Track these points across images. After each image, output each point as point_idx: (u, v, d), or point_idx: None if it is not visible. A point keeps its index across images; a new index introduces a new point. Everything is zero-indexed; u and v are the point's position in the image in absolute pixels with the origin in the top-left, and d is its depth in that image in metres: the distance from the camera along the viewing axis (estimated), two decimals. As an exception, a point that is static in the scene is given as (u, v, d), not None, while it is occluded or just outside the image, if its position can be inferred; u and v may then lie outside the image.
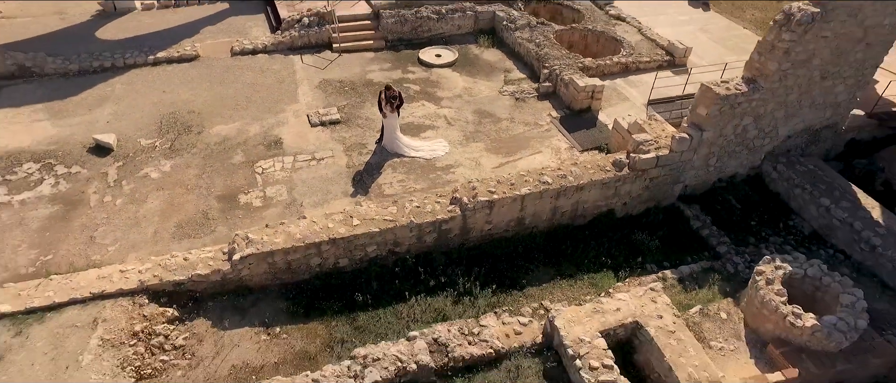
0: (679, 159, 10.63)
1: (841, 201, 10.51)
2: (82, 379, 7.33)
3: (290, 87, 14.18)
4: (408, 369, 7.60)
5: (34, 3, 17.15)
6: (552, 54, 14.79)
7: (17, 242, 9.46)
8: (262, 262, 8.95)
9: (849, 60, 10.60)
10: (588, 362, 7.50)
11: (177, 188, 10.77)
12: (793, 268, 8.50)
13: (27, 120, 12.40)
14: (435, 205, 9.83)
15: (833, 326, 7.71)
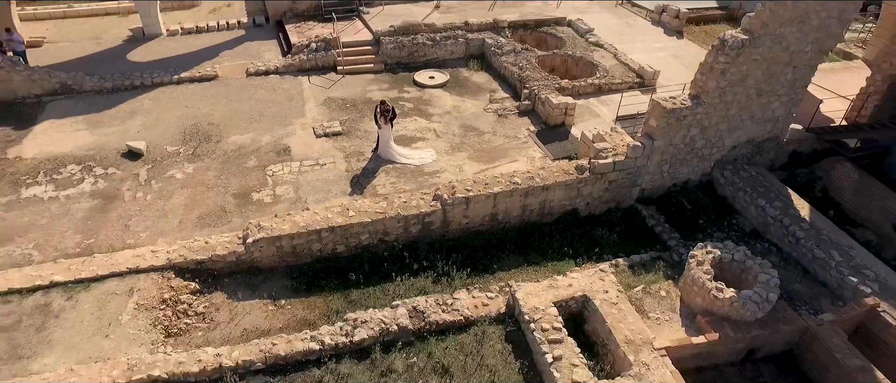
0: (634, 165, 12.23)
1: (775, 202, 12.04)
2: (122, 334, 8.92)
3: (298, 103, 15.99)
4: (390, 330, 9.14)
5: (73, 30, 19.24)
6: (533, 76, 16.57)
7: (64, 229, 11.15)
8: (271, 246, 10.58)
9: (780, 80, 12.25)
10: (541, 326, 9.02)
11: (198, 187, 12.48)
12: (722, 253, 10.01)
13: (69, 129, 14.24)
14: (419, 201, 11.46)
15: (748, 298, 9.18)
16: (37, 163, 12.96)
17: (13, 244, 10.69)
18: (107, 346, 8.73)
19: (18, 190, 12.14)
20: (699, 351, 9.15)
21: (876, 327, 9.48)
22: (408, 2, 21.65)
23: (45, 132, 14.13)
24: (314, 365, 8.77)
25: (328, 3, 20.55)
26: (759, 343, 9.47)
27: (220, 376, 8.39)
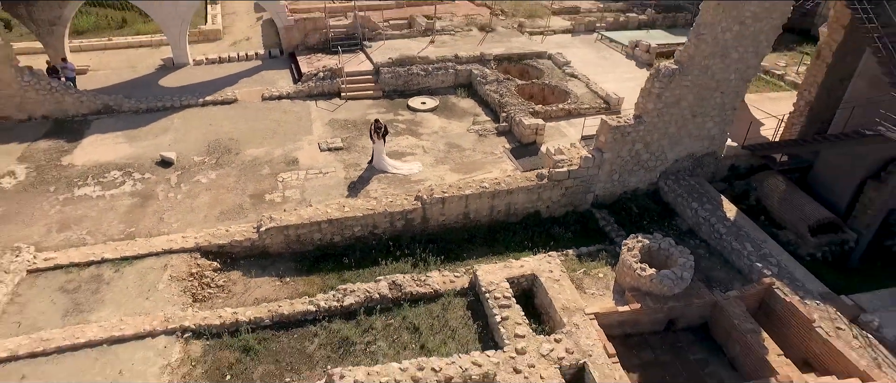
0: (586, 173, 14.52)
1: (707, 206, 14.23)
2: (159, 297, 11.21)
3: (306, 123, 18.53)
4: (373, 297, 11.36)
5: (113, 59, 22.13)
6: (511, 102, 19.03)
7: (110, 220, 13.57)
8: (280, 234, 12.91)
9: (710, 103, 14.58)
10: (494, 295, 11.19)
11: (220, 189, 14.92)
12: (650, 243, 12.16)
13: (111, 142, 16.84)
14: (404, 201, 13.79)
15: (665, 276, 11.30)
16: (86, 169, 15.51)
17: (71, 231, 13.11)
18: (147, 305, 11.01)
19: (72, 189, 14.64)
20: (624, 318, 11.24)
21: (773, 301, 11.52)
22: (406, 37, 24.41)
23: (91, 144, 16.74)
24: (310, 323, 10.98)
25: (335, 38, 23.38)
26: (676, 314, 11.54)
27: (237, 328, 10.63)
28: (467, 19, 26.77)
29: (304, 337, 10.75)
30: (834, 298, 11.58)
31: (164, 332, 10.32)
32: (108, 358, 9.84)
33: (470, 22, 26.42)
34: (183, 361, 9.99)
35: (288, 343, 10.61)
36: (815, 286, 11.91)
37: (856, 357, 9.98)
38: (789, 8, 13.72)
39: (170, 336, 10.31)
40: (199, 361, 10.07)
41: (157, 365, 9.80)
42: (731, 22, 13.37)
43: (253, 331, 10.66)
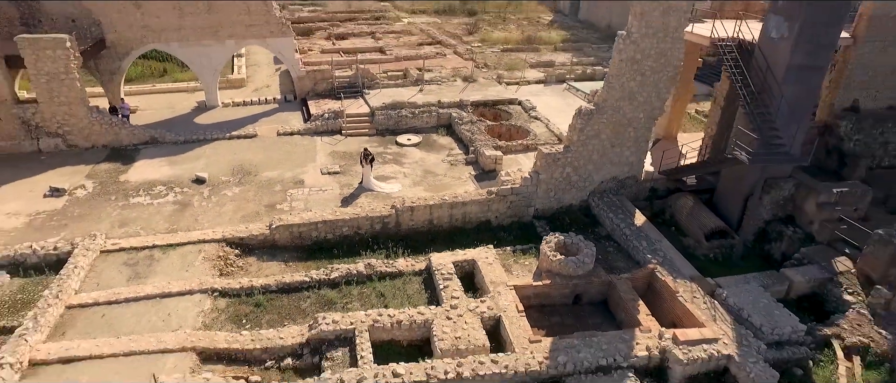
0: (526, 191, 18.65)
1: (621, 216, 18.22)
2: (195, 271, 15.36)
3: (311, 153, 23.01)
4: (352, 273, 15.43)
5: (157, 101, 27.11)
6: (479, 138, 23.41)
7: (157, 220, 17.92)
8: (286, 231, 17.11)
9: (625, 136, 18.79)
10: (441, 273, 15.19)
11: (241, 200, 19.27)
12: (565, 238, 16.13)
13: (157, 165, 21.42)
14: (382, 209, 18.00)
15: (570, 260, 15.22)
16: (138, 184, 20.02)
17: (129, 226, 17.45)
18: (186, 275, 15.17)
19: (128, 198, 19.09)
20: (538, 291, 15.13)
21: (654, 281, 15.35)
22: (399, 86, 29.19)
23: (141, 166, 21.33)
24: (305, 289, 15.04)
25: (340, 86, 28.23)
26: (581, 290, 15.40)
27: (251, 291, 14.72)
28: (454, 71, 31.62)
29: (300, 298, 14.79)
30: (700, 279, 15.36)
31: (199, 291, 14.44)
32: (160, 306, 13.96)
33: (456, 74, 31.25)
34: (212, 310, 14.06)
35: (288, 302, 14.67)
36: (688, 271, 15.74)
37: (700, 314, 13.75)
38: (679, 64, 18.10)
39: (203, 294, 14.42)
40: (223, 311, 14.14)
41: (194, 312, 13.87)
42: (635, 73, 17.77)
43: (263, 294, 14.74)
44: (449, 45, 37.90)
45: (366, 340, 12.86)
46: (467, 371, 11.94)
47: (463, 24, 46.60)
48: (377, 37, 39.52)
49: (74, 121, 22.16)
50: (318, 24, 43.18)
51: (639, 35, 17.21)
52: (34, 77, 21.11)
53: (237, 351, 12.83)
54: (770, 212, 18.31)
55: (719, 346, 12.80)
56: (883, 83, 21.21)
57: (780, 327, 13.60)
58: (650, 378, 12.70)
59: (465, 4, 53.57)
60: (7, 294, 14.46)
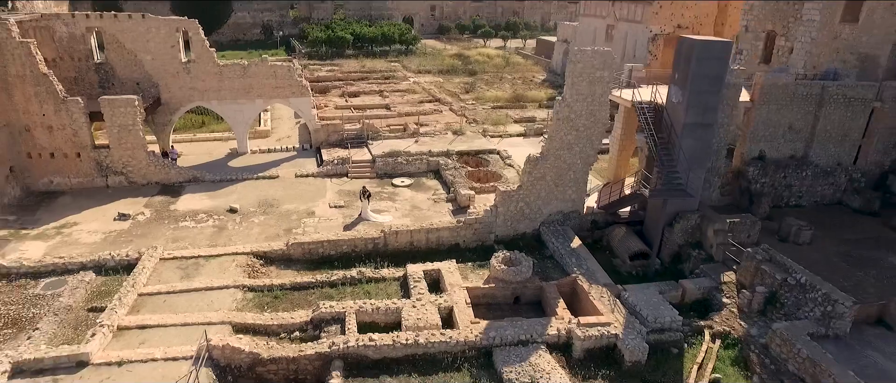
0: (487, 221, 23.90)
1: (561, 241, 23.30)
2: (230, 274, 20.75)
3: (322, 191, 28.64)
4: (347, 277, 20.68)
5: (197, 148, 33.26)
6: (459, 181, 28.88)
7: (200, 238, 23.49)
8: (299, 248, 22.51)
9: (567, 178, 24.09)
10: (413, 278, 20.35)
11: (265, 226, 24.81)
12: (510, 254, 21.24)
13: (199, 199, 27.20)
14: (374, 233, 23.36)
15: (509, 270, 20.29)
16: (184, 212, 25.73)
17: (179, 242, 23.02)
18: (223, 276, 20.55)
19: (178, 223, 24.76)
20: (485, 292, 20.16)
21: (577, 287, 20.29)
22: (398, 138, 35.04)
23: (186, 199, 27.12)
24: (311, 288, 20.29)
25: (348, 137, 34.18)
26: (519, 293, 20.39)
27: (271, 287, 20.02)
28: (446, 126, 37.50)
29: (307, 294, 20.04)
30: (611, 285, 20.28)
31: (233, 286, 19.78)
32: (205, 295, 19.30)
33: (448, 127, 37.12)
34: (242, 300, 19.36)
35: (298, 296, 19.92)
36: (603, 279, 20.68)
37: (602, 308, 18.63)
38: (606, 122, 23.56)
39: (236, 288, 19.75)
40: (250, 301, 19.42)
41: (229, 300, 19.16)
42: (570, 129, 23.24)
43: (280, 290, 20.03)
44: (446, 102, 44.04)
45: (353, 320, 17.97)
46: (423, 339, 16.97)
47: (462, 83, 52.98)
48: (384, 95, 45.91)
49: (136, 162, 28.21)
50: (335, 83, 49.85)
51: (572, 100, 22.80)
52: (109, 128, 27.34)
53: (260, 326, 18.03)
54: (681, 238, 23.24)
55: (610, 329, 17.64)
56: (782, 137, 26.41)
57: (661, 318, 18.40)
58: (559, 351, 17.51)
59: (466, 65, 60.28)
60: (94, 286, 19.94)
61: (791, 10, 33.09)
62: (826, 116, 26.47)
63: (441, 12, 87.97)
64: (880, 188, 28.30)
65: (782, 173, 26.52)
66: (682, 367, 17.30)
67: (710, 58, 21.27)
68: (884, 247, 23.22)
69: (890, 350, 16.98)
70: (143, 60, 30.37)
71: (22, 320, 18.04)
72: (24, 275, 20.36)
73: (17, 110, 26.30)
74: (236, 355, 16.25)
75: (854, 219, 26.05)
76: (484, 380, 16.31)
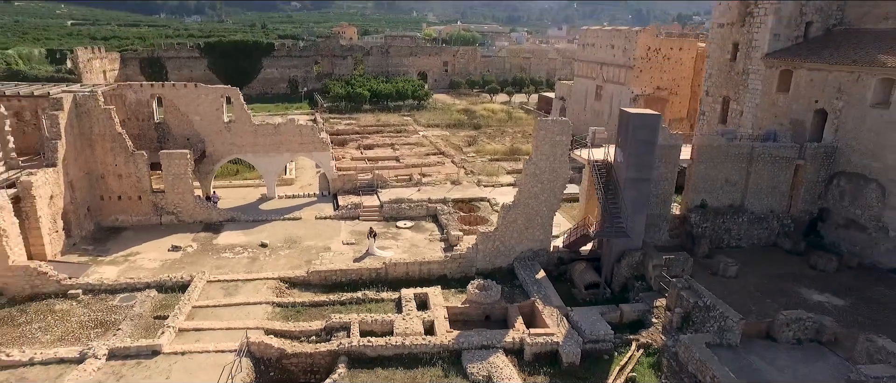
0: (470, 256, 29.61)
1: (529, 273, 28.84)
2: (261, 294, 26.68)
3: (337, 231, 34.73)
4: (354, 298, 26.46)
5: (232, 193, 39.84)
6: (451, 224, 34.75)
7: (238, 266, 29.58)
8: (317, 275, 28.44)
9: (535, 222, 29.79)
10: (405, 298, 26.04)
11: (290, 258, 30.85)
12: (483, 281, 26.84)
13: (236, 235, 33.45)
14: (377, 265, 29.22)
15: (480, 294, 25.87)
16: (224, 246, 31.95)
17: (221, 269, 29.12)
18: (257, 295, 26.47)
19: (219, 254, 30.95)
20: (462, 311, 25.71)
21: (535, 308, 25.73)
22: (404, 187, 41.25)
23: (226, 235, 33.39)
24: (326, 305, 26.06)
25: (361, 186, 40.49)
26: (489, 312, 25.89)
27: (294, 304, 25.87)
28: (446, 176, 43.69)
29: (322, 310, 25.81)
30: (561, 307, 25.65)
31: (265, 302, 25.68)
32: (243, 309, 25.20)
33: (447, 178, 43.30)
34: (272, 313, 25.21)
35: (315, 311, 25.71)
36: (557, 303, 26.07)
37: (551, 324, 24.03)
38: (567, 176, 29.40)
39: (267, 304, 25.64)
40: (278, 313, 25.26)
41: (262, 313, 25.02)
42: (536, 182, 29.12)
43: (301, 306, 25.86)
44: (449, 155, 50.41)
45: (356, 328, 23.63)
46: (408, 342, 22.54)
47: (466, 137, 59.49)
48: (395, 147, 52.53)
49: (184, 204, 34.71)
50: (352, 136, 56.74)
51: (537, 159, 28.77)
52: (165, 176, 34.00)
53: (285, 331, 23.76)
54: (628, 271, 28.60)
55: (553, 338, 23.01)
56: (720, 188, 31.95)
57: (596, 332, 23.68)
58: (513, 354, 22.85)
59: (472, 119, 66.98)
60: (157, 301, 25.96)
61: (740, 79, 39.29)
62: (756, 172, 32.03)
63: (453, 68, 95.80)
64: (811, 232, 33.49)
65: (721, 219, 31.95)
66: (608, 369, 22.52)
67: (644, 126, 27.17)
68: (798, 281, 28.37)
69: (769, 355, 22.00)
70: (193, 120, 37.36)
71: (106, 323, 24.09)
72: (104, 290, 26.54)
73: (97, 161, 33.15)
74: (268, 350, 22.00)
75: (783, 258, 31.25)
76: (452, 374, 21.74)
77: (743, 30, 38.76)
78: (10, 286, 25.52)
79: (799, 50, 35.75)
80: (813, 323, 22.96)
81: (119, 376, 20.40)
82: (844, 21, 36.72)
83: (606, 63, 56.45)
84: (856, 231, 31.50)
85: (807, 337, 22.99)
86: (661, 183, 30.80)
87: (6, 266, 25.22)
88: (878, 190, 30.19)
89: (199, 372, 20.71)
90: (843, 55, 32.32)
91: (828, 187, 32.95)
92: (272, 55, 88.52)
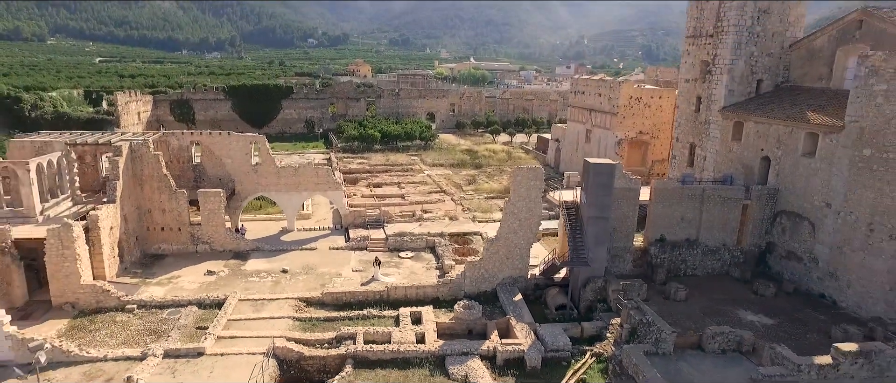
0: (459, 282, 35.24)
1: (508, 297, 34.34)
2: (285, 310, 32.46)
3: (347, 260, 40.60)
4: (360, 315, 32.15)
5: (257, 225, 46.02)
6: (446, 255, 40.46)
7: (263, 289, 35.48)
8: (330, 296, 34.23)
9: (515, 254, 35.41)
10: (403, 315, 31.67)
11: (307, 281, 36.68)
12: (468, 302, 32.38)
13: (261, 262, 39.44)
14: (380, 288, 34.95)
15: (466, 312, 31.40)
16: (251, 271, 37.93)
17: (250, 290, 35.00)
18: (280, 311, 32.25)
19: (247, 278, 36.91)
20: (448, 326, 31.21)
21: (509, 324, 31.14)
22: (407, 222, 47.16)
23: (252, 262, 39.41)
24: (337, 320, 31.73)
25: (368, 221, 46.49)
26: (472, 327, 31.36)
27: (310, 319, 31.60)
28: (445, 213, 49.56)
29: (334, 324, 31.48)
30: (532, 323, 31.04)
31: (286, 317, 31.46)
32: (269, 322, 30.97)
33: (446, 214, 49.14)
34: (292, 324, 30.95)
35: (327, 324, 31.39)
36: (528, 320, 31.46)
37: (521, 337, 29.43)
38: (541, 215, 35.12)
39: (288, 319, 31.40)
40: (297, 326, 30.98)
41: (284, 325, 30.76)
42: (515, 218, 34.86)
43: (316, 320, 31.57)
44: (450, 193, 56.38)
45: (361, 338, 29.23)
46: (403, 349, 28.09)
47: (467, 175, 65.52)
48: (401, 186, 58.66)
49: (217, 235, 40.87)
50: (363, 175, 63.03)
51: (515, 199, 34.58)
52: (202, 211, 40.29)
53: (303, 339, 29.42)
54: (592, 295, 33.97)
55: (520, 347, 28.40)
56: (677, 225, 37.41)
57: (557, 343, 29.03)
58: (487, 360, 28.23)
59: (474, 159, 73.13)
60: (198, 315, 31.81)
61: (703, 128, 45.12)
62: (708, 211, 37.52)
63: (459, 109, 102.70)
64: (761, 263, 38.69)
65: (678, 251, 37.35)
66: (564, 373, 27.80)
67: (603, 173, 32.94)
68: (738, 304, 33.54)
69: (695, 362, 27.14)
70: (225, 163, 43.84)
71: (158, 331, 29.93)
72: (154, 306, 32.50)
73: (145, 198, 39.57)
74: (289, 353, 27.66)
75: (731, 285, 36.46)
76: (437, 374, 27.17)
77: (704, 85, 44.72)
78: (81, 301, 31.58)
79: (749, 104, 41.55)
80: (735, 336, 28.16)
81: (173, 370, 26.18)
82: (790, 79, 42.58)
83: (595, 109, 62.57)
84: (794, 261, 36.67)
85: (730, 348, 28.16)
86: (624, 220, 36.37)
87: (79, 284, 31.34)
88: (809, 226, 35.48)
89: (235, 369, 26.42)
90: (781, 111, 38.06)
91: (773, 224, 38.26)
92: (291, 97, 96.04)
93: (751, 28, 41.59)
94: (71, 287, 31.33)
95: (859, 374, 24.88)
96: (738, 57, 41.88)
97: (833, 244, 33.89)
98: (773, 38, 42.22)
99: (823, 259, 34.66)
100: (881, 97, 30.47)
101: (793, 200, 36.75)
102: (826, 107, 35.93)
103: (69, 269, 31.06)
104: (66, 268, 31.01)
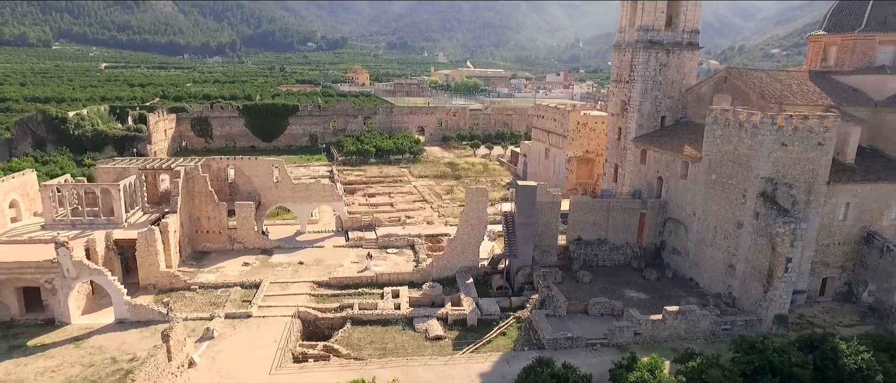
0: (427, 270, 49.31)
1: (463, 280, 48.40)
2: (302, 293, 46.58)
3: (347, 255, 54.73)
4: (356, 292, 46.28)
5: (279, 228, 60.22)
6: (422, 251, 54.50)
7: (286, 275, 49.55)
8: (335, 280, 48.33)
9: (468, 249, 49.49)
10: (386, 293, 45.77)
11: (317, 270, 50.78)
12: (432, 283, 46.37)
13: (282, 257, 53.60)
14: (371, 274, 49.07)
15: (431, 290, 45.44)
16: (276, 263, 52.07)
17: (276, 277, 49.10)
18: (301, 290, 46.35)
19: (274, 268, 51.04)
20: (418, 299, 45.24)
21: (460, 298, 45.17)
22: (393, 225, 61.23)
23: (276, 257, 53.56)
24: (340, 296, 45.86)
25: (364, 225, 60.60)
26: (433, 300, 45.41)
27: (322, 296, 45.72)
28: (424, 218, 63.63)
29: (338, 298, 45.58)
30: (476, 298, 45.00)
31: (305, 294, 45.57)
32: (293, 297, 45.06)
33: (425, 219, 63.21)
34: (309, 298, 45.07)
35: (333, 299, 45.52)
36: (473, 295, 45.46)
37: (466, 306, 43.51)
38: (487, 221, 49.20)
39: (305, 295, 45.51)
40: (313, 300, 45.12)
41: (303, 299, 44.87)
42: (469, 224, 48.93)
43: (325, 297, 45.67)
44: (430, 201, 70.44)
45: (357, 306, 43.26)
46: (385, 313, 42.18)
47: (448, 186, 79.57)
48: (391, 195, 72.76)
49: (249, 237, 54.96)
50: (360, 186, 77.13)
51: (468, 210, 48.62)
52: (237, 218, 54.40)
53: (317, 307, 43.46)
54: (522, 279, 47.94)
55: (464, 311, 42.41)
56: (591, 228, 51.47)
57: (490, 309, 43.03)
58: (442, 320, 42.21)
59: (454, 171, 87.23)
60: (242, 293, 45.83)
61: (623, 153, 59.31)
62: (613, 218, 51.59)
63: (446, 124, 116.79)
64: (657, 257, 52.76)
65: (591, 248, 51.44)
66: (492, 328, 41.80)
67: (527, 191, 46.96)
68: (628, 286, 47.62)
69: (580, 321, 41.10)
70: (253, 181, 57.93)
71: (215, 303, 43.95)
72: (210, 287, 46.57)
73: (195, 208, 53.67)
74: (308, 316, 41.75)
75: (629, 273, 50.56)
76: (407, 329, 41.17)
77: (623, 119, 58.77)
78: (160, 283, 45.70)
79: (652, 136, 55.61)
80: (609, 305, 42.26)
81: (233, 326, 40.30)
82: (687, 116, 56.63)
83: (551, 132, 76.60)
84: (676, 255, 50.73)
85: (606, 313, 42.27)
86: (549, 225, 50.37)
87: (158, 271, 45.46)
88: (684, 229, 49.53)
89: (273, 326, 40.55)
90: (669, 143, 52.12)
91: (664, 227, 52.29)
92: (296, 114, 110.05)
93: (654, 77, 55.67)
94: (153, 273, 45.42)
95: (679, 327, 39.01)
96: (646, 99, 55.96)
97: (696, 241, 48.00)
98: (672, 84, 56.32)
99: (691, 252, 48.76)
100: (719, 138, 44.57)
101: (675, 210, 50.81)
102: (699, 141, 49.99)
103: (152, 260, 45.14)
104: (150, 260, 45.09)
